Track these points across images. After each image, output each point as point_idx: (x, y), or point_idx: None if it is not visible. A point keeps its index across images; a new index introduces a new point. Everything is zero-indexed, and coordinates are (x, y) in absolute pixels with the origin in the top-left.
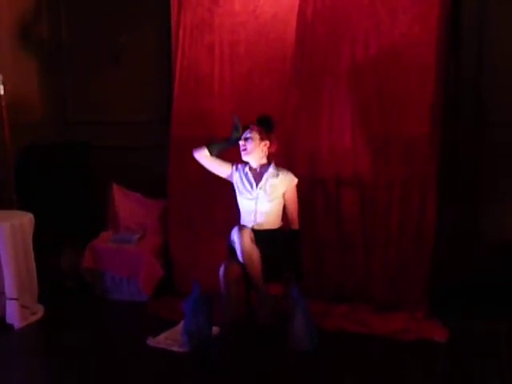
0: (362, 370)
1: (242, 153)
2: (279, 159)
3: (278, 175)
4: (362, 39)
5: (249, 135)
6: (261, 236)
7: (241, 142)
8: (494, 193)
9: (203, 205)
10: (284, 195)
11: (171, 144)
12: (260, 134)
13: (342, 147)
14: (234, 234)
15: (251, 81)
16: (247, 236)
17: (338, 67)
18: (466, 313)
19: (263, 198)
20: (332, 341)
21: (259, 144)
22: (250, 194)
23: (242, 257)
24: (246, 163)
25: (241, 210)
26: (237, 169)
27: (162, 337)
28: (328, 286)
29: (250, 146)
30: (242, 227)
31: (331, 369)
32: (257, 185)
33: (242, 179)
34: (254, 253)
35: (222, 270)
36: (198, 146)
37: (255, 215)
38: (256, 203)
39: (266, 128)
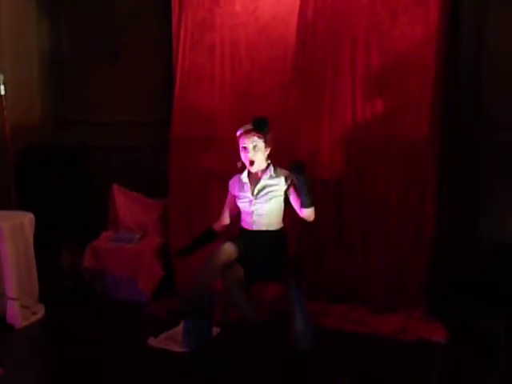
0: (361, 370)
1: (250, 167)
2: (280, 159)
3: (274, 177)
4: (363, 39)
5: (254, 144)
6: (260, 237)
7: (248, 155)
8: (493, 193)
9: (203, 205)
10: (288, 192)
11: (171, 144)
12: (264, 141)
13: (342, 147)
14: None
15: (252, 81)
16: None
17: (338, 67)
18: (465, 312)
19: (260, 199)
20: (331, 340)
21: (265, 152)
22: (247, 197)
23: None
24: (241, 172)
25: (241, 211)
26: (233, 185)
27: (162, 337)
28: (327, 286)
29: (258, 158)
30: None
31: (330, 368)
32: (254, 187)
33: (240, 188)
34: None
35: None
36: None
37: (253, 217)
38: (254, 205)
39: (264, 131)
